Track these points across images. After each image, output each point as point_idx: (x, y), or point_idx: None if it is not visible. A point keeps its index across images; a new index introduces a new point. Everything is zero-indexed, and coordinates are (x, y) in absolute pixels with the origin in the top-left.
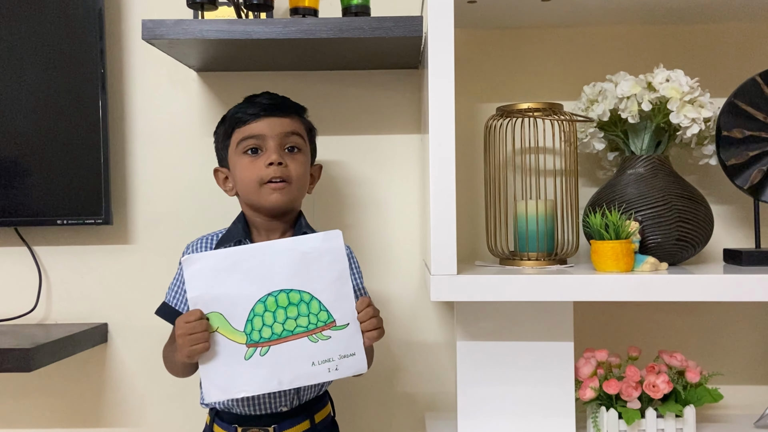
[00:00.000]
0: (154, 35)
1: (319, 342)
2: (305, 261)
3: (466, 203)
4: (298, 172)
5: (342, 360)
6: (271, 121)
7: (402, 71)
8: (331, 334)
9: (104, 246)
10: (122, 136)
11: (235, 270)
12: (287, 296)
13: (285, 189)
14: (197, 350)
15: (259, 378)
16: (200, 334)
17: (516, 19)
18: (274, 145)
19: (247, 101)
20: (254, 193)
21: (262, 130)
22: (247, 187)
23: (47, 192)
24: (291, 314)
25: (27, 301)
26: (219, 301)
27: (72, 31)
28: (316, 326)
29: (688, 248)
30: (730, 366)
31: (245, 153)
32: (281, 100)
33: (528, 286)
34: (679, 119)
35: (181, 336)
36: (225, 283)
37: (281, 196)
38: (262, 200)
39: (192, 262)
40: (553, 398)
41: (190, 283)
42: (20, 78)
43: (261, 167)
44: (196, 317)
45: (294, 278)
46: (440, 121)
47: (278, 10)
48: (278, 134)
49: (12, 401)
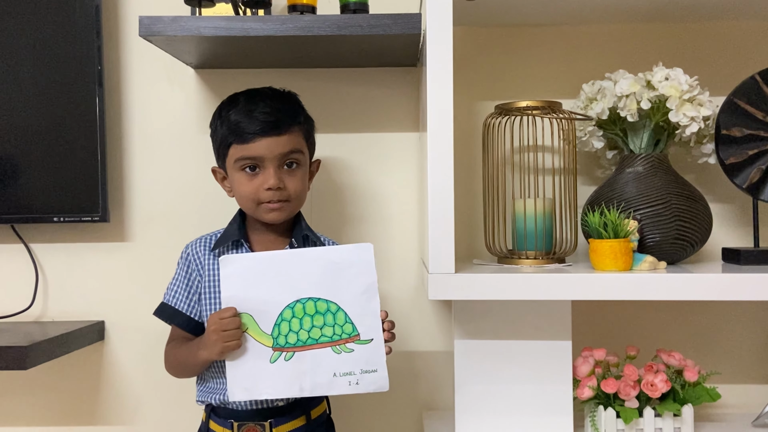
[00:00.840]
0: (151, 32)
1: (342, 354)
2: (335, 271)
3: (464, 201)
4: (297, 189)
5: (363, 375)
6: (269, 142)
7: (400, 69)
8: (355, 347)
9: (101, 243)
10: (119, 134)
11: (268, 274)
12: (315, 305)
13: (283, 208)
14: (230, 347)
15: (282, 382)
16: (234, 331)
17: (515, 17)
18: (272, 168)
19: (246, 111)
20: (252, 209)
21: (260, 152)
22: (244, 202)
23: (44, 189)
24: (317, 323)
25: (24, 299)
26: (250, 303)
27: (69, 27)
28: (341, 338)
29: (686, 247)
30: (728, 365)
31: (243, 170)
32: (279, 113)
33: (526, 285)
34: (678, 118)
35: (215, 332)
36: (258, 286)
37: (280, 214)
38: (259, 216)
39: (229, 263)
40: (551, 397)
41: (226, 282)
42: (17, 75)
43: (259, 188)
44: (231, 314)
45: (322, 287)
46: (438, 118)
47: (276, 6)
48: (277, 156)
49: (8, 399)
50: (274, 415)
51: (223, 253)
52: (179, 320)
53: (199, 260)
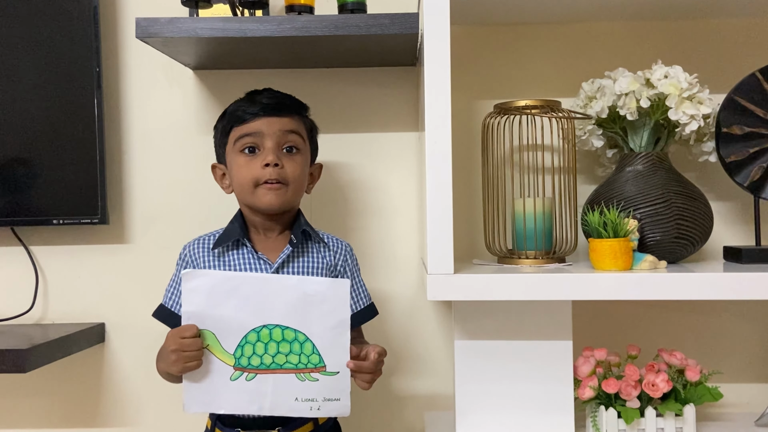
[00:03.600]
0: (148, 33)
1: (306, 381)
2: (307, 302)
3: (464, 201)
4: (295, 173)
5: (326, 402)
6: (269, 120)
7: (399, 68)
8: (320, 377)
9: (101, 245)
10: (118, 135)
11: (234, 294)
12: (282, 332)
13: (280, 190)
14: (189, 368)
15: (241, 400)
16: (194, 352)
17: (514, 16)
18: (271, 145)
19: (248, 98)
20: (249, 194)
21: (259, 128)
22: (242, 186)
23: (43, 191)
24: (282, 350)
25: (24, 301)
26: (213, 321)
27: (67, 29)
28: (306, 366)
29: (687, 246)
30: (730, 364)
31: (242, 152)
32: (281, 99)
33: (525, 285)
34: (677, 116)
35: (175, 352)
36: (222, 305)
37: (276, 197)
38: (256, 201)
39: (192, 278)
40: (552, 397)
41: (187, 298)
42: (15, 77)
43: (257, 167)
44: (192, 334)
45: (292, 316)
46: (436, 118)
47: (275, 7)
48: (276, 132)
49: (9, 401)
50: (281, 423)
51: (224, 252)
52: (176, 321)
53: (197, 260)
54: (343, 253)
